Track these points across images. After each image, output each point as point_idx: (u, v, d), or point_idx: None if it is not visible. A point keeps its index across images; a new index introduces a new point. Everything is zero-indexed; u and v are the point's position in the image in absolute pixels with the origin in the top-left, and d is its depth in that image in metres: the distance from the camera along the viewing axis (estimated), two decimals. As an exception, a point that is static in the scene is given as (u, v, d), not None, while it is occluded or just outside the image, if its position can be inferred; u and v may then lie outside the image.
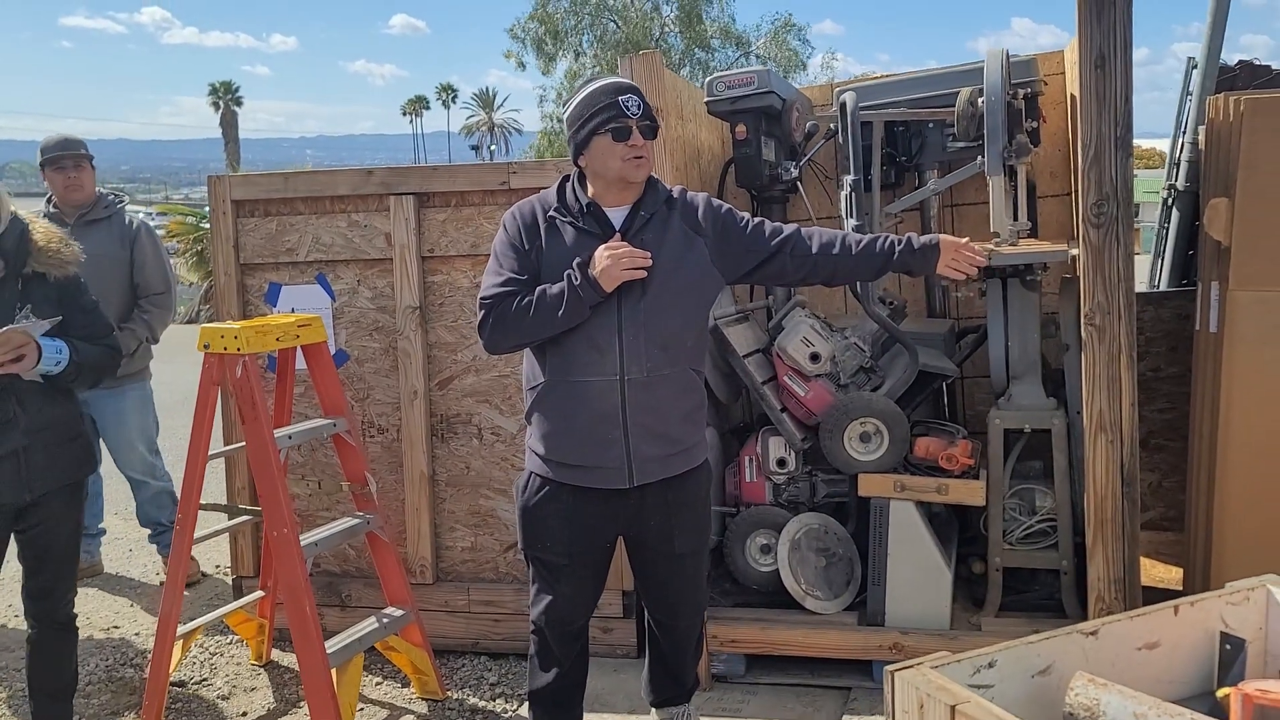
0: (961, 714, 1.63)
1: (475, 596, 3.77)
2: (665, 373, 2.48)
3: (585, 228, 2.49)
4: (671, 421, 2.53)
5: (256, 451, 3.09)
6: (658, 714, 2.90)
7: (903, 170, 3.94)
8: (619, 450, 2.48)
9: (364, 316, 3.84)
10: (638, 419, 2.47)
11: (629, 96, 2.45)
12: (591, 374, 2.46)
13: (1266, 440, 2.97)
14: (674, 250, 2.49)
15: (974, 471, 3.26)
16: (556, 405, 2.51)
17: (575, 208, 2.52)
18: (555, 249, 2.50)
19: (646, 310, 2.44)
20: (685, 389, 2.56)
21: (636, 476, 2.51)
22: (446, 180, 3.70)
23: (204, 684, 3.64)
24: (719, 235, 2.55)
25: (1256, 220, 2.90)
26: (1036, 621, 3.19)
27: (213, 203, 3.93)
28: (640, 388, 2.45)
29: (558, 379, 2.50)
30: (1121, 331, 2.92)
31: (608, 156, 2.45)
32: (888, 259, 2.57)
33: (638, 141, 2.44)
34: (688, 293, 2.51)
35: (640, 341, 2.44)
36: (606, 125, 2.43)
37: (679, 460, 2.58)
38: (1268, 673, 2.06)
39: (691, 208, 2.56)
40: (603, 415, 2.47)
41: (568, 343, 2.47)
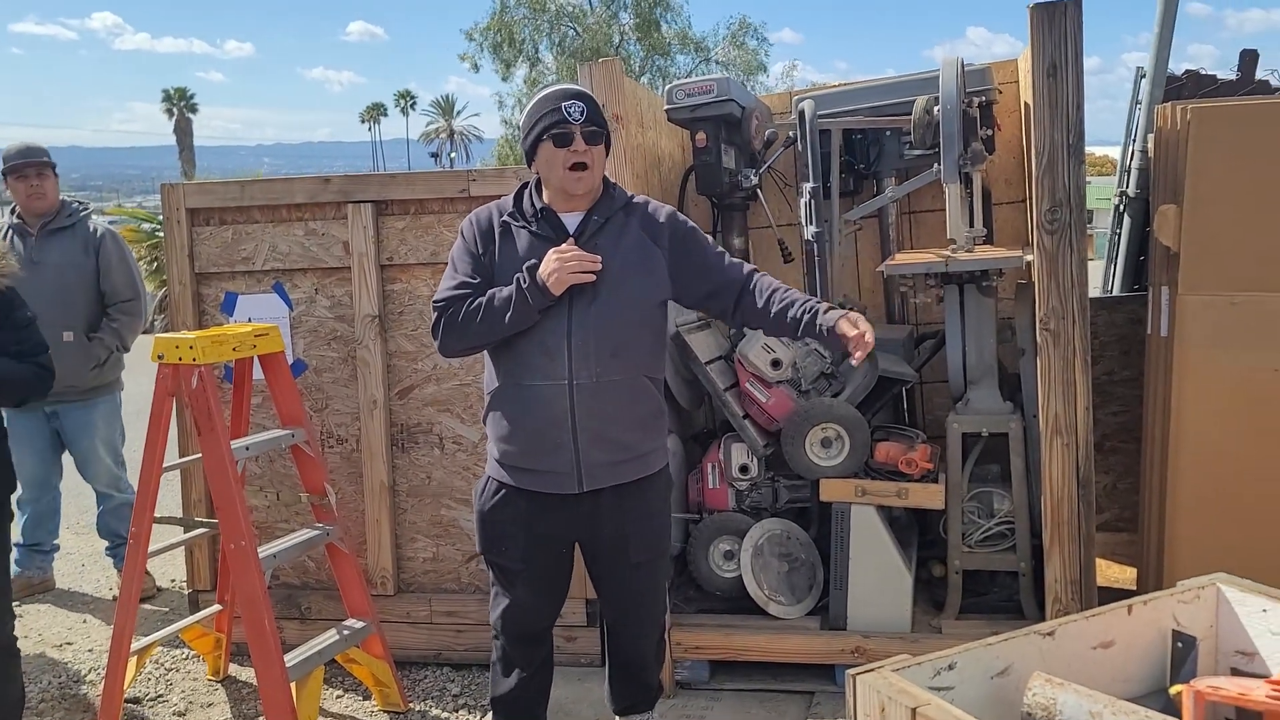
0: (922, 716, 1.65)
1: (437, 607, 3.74)
2: (615, 378, 2.48)
3: (539, 232, 2.51)
4: (622, 428, 2.52)
5: (213, 463, 3.05)
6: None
7: (861, 178, 3.98)
8: (568, 455, 2.49)
9: (322, 325, 3.80)
10: (586, 424, 2.47)
11: (573, 102, 2.45)
12: (540, 378, 2.47)
13: (1217, 442, 3.03)
14: (628, 257, 2.49)
15: (933, 475, 3.29)
16: (508, 409, 2.53)
17: (530, 212, 2.54)
18: (509, 253, 2.51)
19: (596, 315, 2.45)
20: (638, 396, 2.55)
21: (586, 481, 2.51)
22: (405, 188, 3.68)
23: (160, 700, 3.58)
24: (679, 251, 2.55)
25: (1204, 226, 2.96)
26: (996, 623, 3.23)
27: (166, 211, 3.87)
28: (589, 393, 2.45)
29: (510, 382, 2.52)
30: (1076, 336, 2.97)
31: (552, 163, 2.47)
32: (795, 326, 2.51)
33: (579, 147, 2.44)
34: (640, 299, 2.51)
35: (589, 346, 2.44)
36: (549, 131, 2.44)
37: (631, 467, 2.57)
38: (1218, 670, 2.10)
39: (653, 218, 2.56)
40: (551, 419, 2.47)
41: (519, 346, 2.48)
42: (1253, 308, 2.94)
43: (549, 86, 2.55)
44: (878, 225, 4.02)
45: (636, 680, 2.85)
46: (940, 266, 3.21)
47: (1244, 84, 4.39)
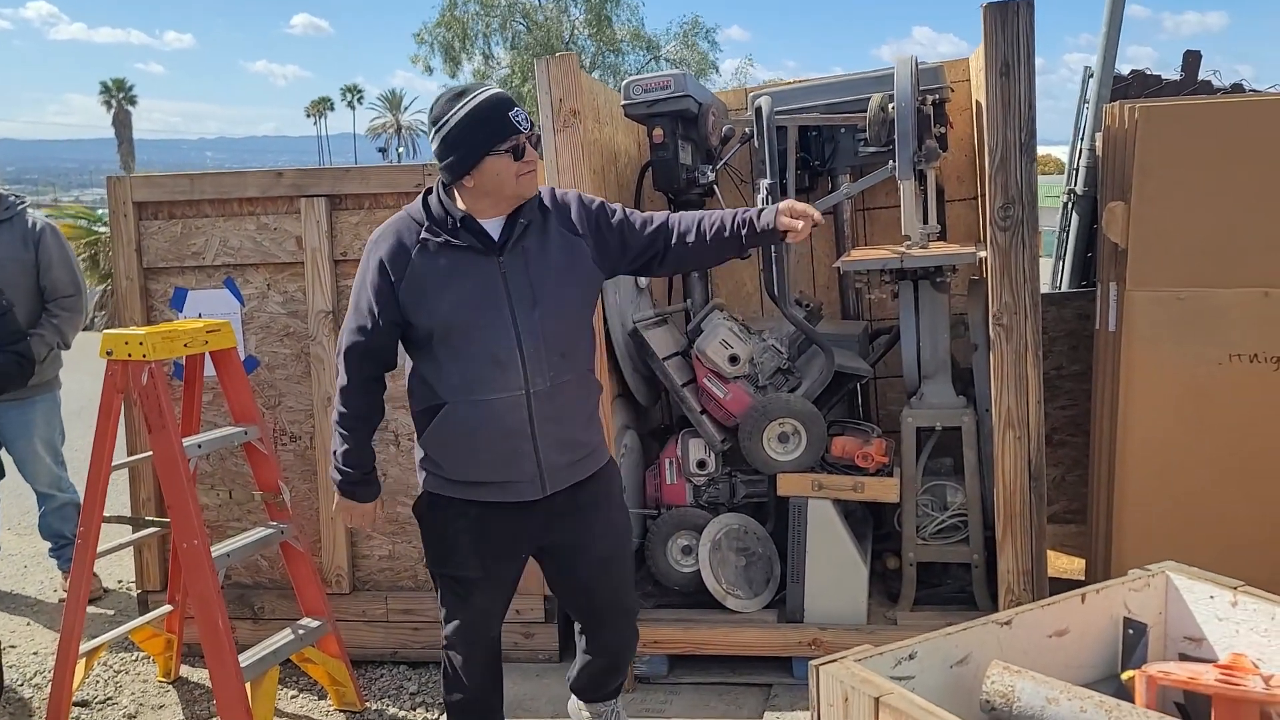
0: (885, 705, 1.67)
1: (394, 605, 3.70)
2: (567, 379, 2.45)
3: (461, 243, 2.39)
4: (577, 426, 2.51)
5: (164, 461, 2.99)
6: (588, 709, 2.88)
7: (816, 174, 4.01)
8: (530, 463, 2.44)
9: (274, 322, 3.75)
10: (546, 429, 2.43)
11: (517, 111, 2.35)
12: (495, 390, 2.39)
13: (1162, 434, 3.11)
14: (557, 255, 2.44)
15: (888, 469, 3.33)
16: (459, 426, 2.42)
17: (448, 223, 2.40)
18: (434, 270, 2.38)
19: (542, 319, 2.40)
20: (586, 392, 2.55)
21: (549, 486, 2.47)
22: (359, 182, 3.64)
23: (109, 703, 3.51)
24: (595, 233, 2.51)
25: (1151, 223, 3.03)
26: (949, 614, 3.28)
27: (112, 205, 3.79)
28: (545, 398, 2.41)
29: (460, 398, 2.41)
30: (1028, 331, 3.03)
31: (503, 175, 2.35)
32: (739, 245, 2.54)
33: (532, 157, 2.38)
34: (577, 296, 2.49)
35: (541, 351, 2.40)
36: (503, 145, 2.32)
37: (587, 463, 2.55)
38: (1168, 655, 2.15)
39: (565, 208, 2.51)
40: (511, 430, 2.41)
41: (466, 361, 2.39)
42: (1198, 302, 3.02)
43: (468, 94, 2.37)
44: (833, 222, 4.06)
45: (614, 671, 2.83)
46: (895, 262, 3.24)
47: (1188, 84, 4.50)
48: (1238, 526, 3.03)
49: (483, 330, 2.37)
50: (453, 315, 2.37)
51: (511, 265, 2.39)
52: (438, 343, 2.40)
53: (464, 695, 2.69)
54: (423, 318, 2.39)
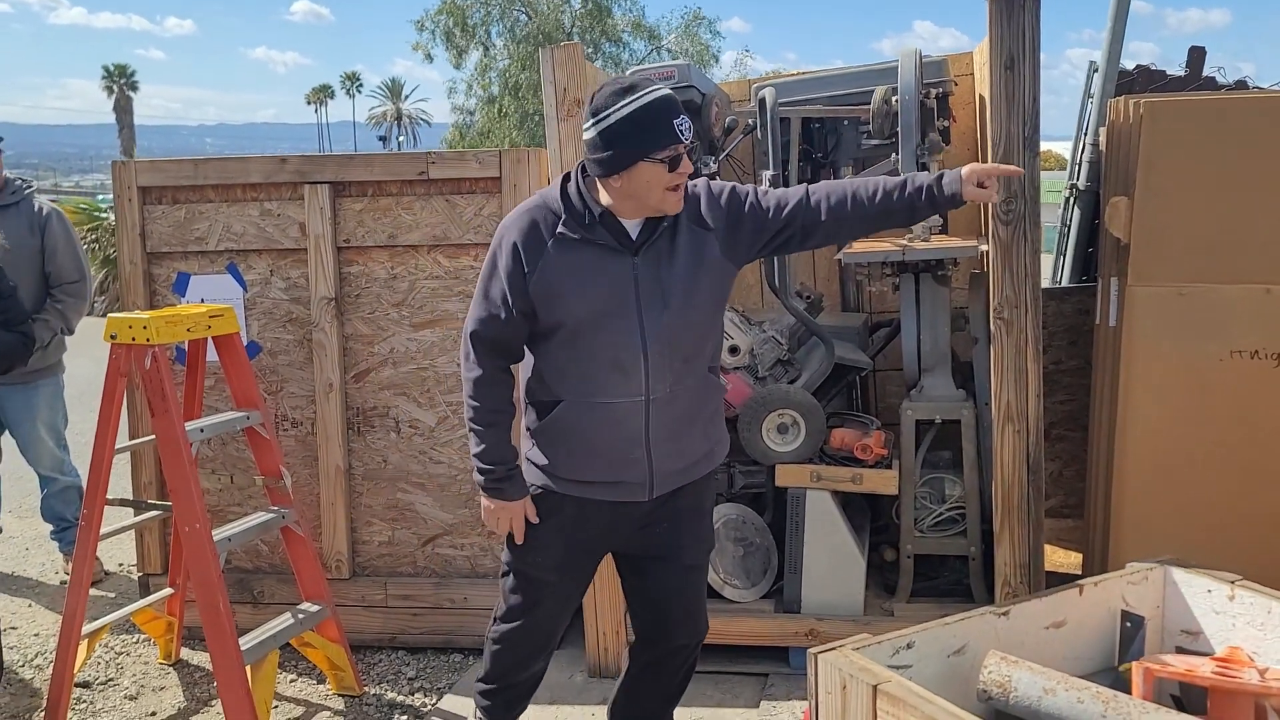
0: (883, 693, 1.69)
1: (393, 591, 3.72)
2: (689, 384, 2.36)
3: (599, 240, 2.29)
4: (695, 433, 2.41)
5: (167, 445, 3.01)
6: None
7: (819, 167, 4.00)
8: (641, 469, 2.36)
9: (277, 308, 3.76)
10: (660, 436, 2.35)
11: (683, 120, 2.20)
12: (615, 395, 2.30)
13: (1162, 430, 3.12)
14: (688, 256, 2.32)
15: (887, 461, 3.35)
16: (575, 425, 2.34)
17: (586, 218, 2.29)
18: (569, 266, 2.28)
19: (669, 325, 2.29)
20: (707, 394, 2.44)
21: (656, 489, 2.39)
22: (363, 169, 3.64)
23: (110, 684, 3.52)
24: (727, 225, 2.36)
25: (1154, 218, 3.04)
26: (946, 606, 3.29)
27: (117, 189, 3.79)
28: (664, 405, 2.33)
29: (576, 399, 2.33)
30: (1028, 325, 3.04)
31: (652, 184, 2.22)
32: (909, 215, 2.38)
33: (686, 169, 2.23)
34: (707, 299, 2.36)
35: (665, 357, 2.30)
36: (662, 154, 2.19)
37: (699, 467, 2.46)
38: (1165, 648, 2.17)
39: (694, 202, 2.36)
40: (626, 436, 2.33)
41: (588, 362, 2.31)
42: (1200, 298, 3.02)
43: (637, 90, 2.21)
44: (835, 214, 4.06)
45: (655, 706, 2.69)
46: (897, 255, 3.25)
47: (1192, 80, 4.51)
48: (1236, 522, 3.05)
49: (609, 333, 2.29)
50: (581, 314, 2.28)
51: (645, 267, 2.29)
52: (561, 339, 2.32)
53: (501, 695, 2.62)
54: (551, 313, 2.30)
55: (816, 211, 2.36)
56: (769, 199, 2.39)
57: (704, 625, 2.62)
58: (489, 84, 28.84)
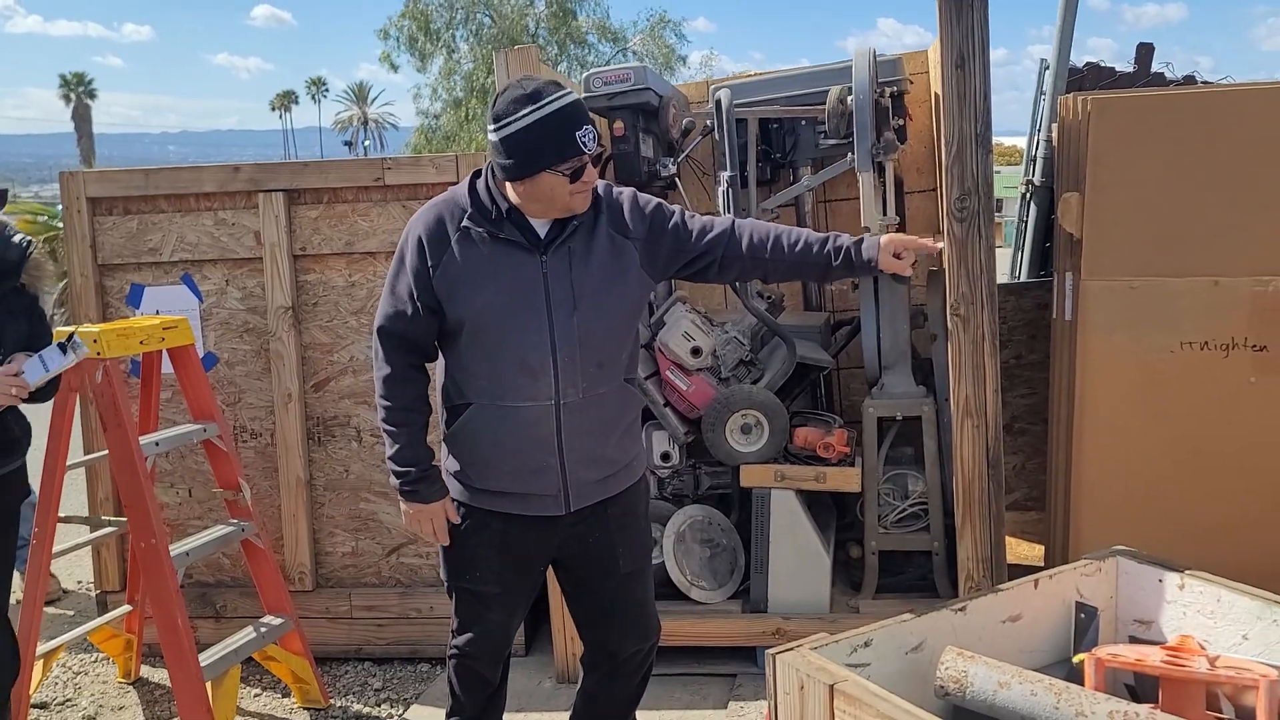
0: (840, 693, 1.69)
1: (358, 602, 3.69)
2: (601, 391, 2.30)
3: (506, 237, 2.24)
4: (610, 442, 2.36)
5: (121, 460, 2.97)
6: None
7: (778, 167, 4.02)
8: (554, 477, 2.30)
9: (234, 318, 3.72)
10: (574, 444, 2.29)
11: (586, 131, 2.16)
12: (523, 398, 2.25)
13: (1118, 422, 3.16)
14: (603, 259, 2.28)
15: (850, 459, 3.36)
16: (483, 430, 2.29)
17: (492, 213, 2.24)
18: (472, 262, 2.24)
19: (580, 328, 2.24)
20: (624, 404, 2.39)
21: (574, 502, 2.34)
22: (318, 176, 3.61)
23: (68, 705, 3.47)
24: (647, 236, 2.32)
25: (1105, 213, 3.07)
26: (911, 601, 3.32)
27: (66, 200, 3.73)
28: (576, 411, 2.27)
29: (486, 402, 2.28)
30: (985, 321, 3.06)
31: (556, 191, 2.19)
32: (823, 272, 2.36)
33: (590, 177, 2.21)
34: (621, 304, 2.32)
35: (575, 362, 2.24)
36: (563, 167, 2.15)
37: (620, 478, 2.41)
38: (1118, 638, 2.19)
39: (616, 208, 2.32)
40: (536, 442, 2.27)
41: (495, 363, 2.26)
42: (1151, 291, 3.06)
43: (544, 98, 2.14)
44: (794, 214, 4.07)
45: (615, 715, 2.64)
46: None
47: (1140, 76, 4.56)
48: (1190, 512, 3.09)
49: (515, 333, 2.23)
50: (486, 312, 2.24)
51: (555, 266, 2.25)
52: (467, 339, 2.27)
53: (470, 706, 2.59)
54: (455, 309, 2.25)
55: (738, 245, 2.35)
56: (694, 222, 2.38)
57: (654, 627, 2.59)
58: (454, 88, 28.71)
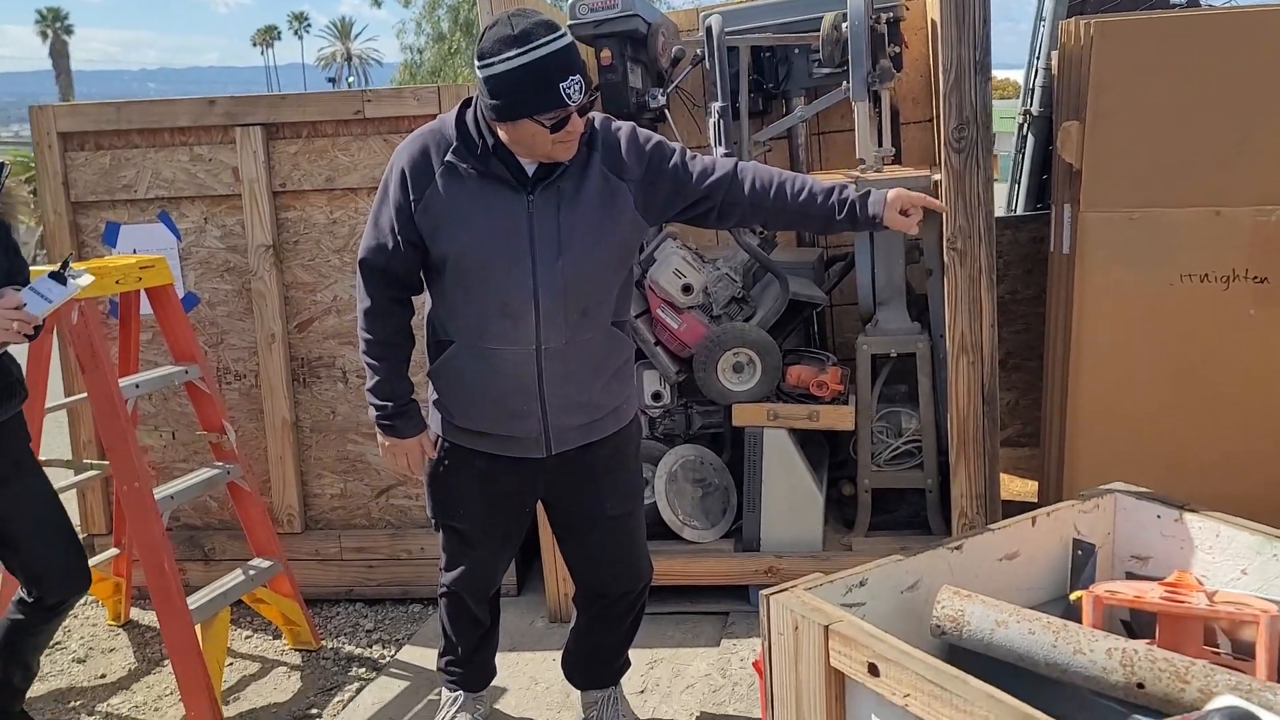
0: (835, 633, 1.66)
1: (347, 544, 3.66)
2: (586, 337, 2.23)
3: (492, 173, 2.15)
4: (595, 387, 2.29)
5: (100, 403, 2.90)
6: (582, 697, 2.72)
7: (770, 97, 3.92)
8: (534, 422, 2.25)
9: (213, 257, 3.63)
10: (556, 390, 2.23)
11: (571, 82, 2.03)
12: (504, 342, 2.19)
13: (1114, 357, 3.11)
14: (594, 201, 2.18)
15: (844, 397, 3.32)
16: (465, 370, 2.25)
17: (478, 148, 2.15)
18: (455, 198, 2.16)
19: (565, 272, 2.16)
20: (610, 348, 2.31)
21: (555, 447, 2.30)
22: (296, 110, 3.50)
23: (58, 647, 3.45)
24: (644, 177, 2.22)
25: (1105, 142, 2.99)
26: (904, 539, 3.30)
27: (36, 136, 3.63)
28: (558, 357, 2.20)
29: (467, 342, 2.23)
30: (982, 254, 3.00)
31: (538, 139, 2.10)
32: (826, 223, 2.28)
33: (575, 128, 2.10)
34: (611, 249, 2.22)
35: (558, 308, 2.17)
36: (544, 116, 2.05)
37: (605, 423, 2.35)
38: (1115, 574, 2.17)
39: (613, 145, 2.22)
40: (517, 387, 2.22)
41: (477, 304, 2.19)
42: (1150, 222, 2.99)
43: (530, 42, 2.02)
44: (787, 146, 3.98)
45: (603, 655, 2.64)
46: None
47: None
48: (1188, 447, 3.06)
49: (497, 275, 2.16)
50: (468, 251, 2.16)
51: (541, 205, 2.16)
52: (450, 277, 2.21)
53: (461, 645, 2.60)
54: (437, 246, 2.19)
55: (739, 191, 2.27)
56: (695, 164, 2.28)
57: (645, 570, 2.57)
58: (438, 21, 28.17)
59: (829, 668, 1.67)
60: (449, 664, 2.68)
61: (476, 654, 2.66)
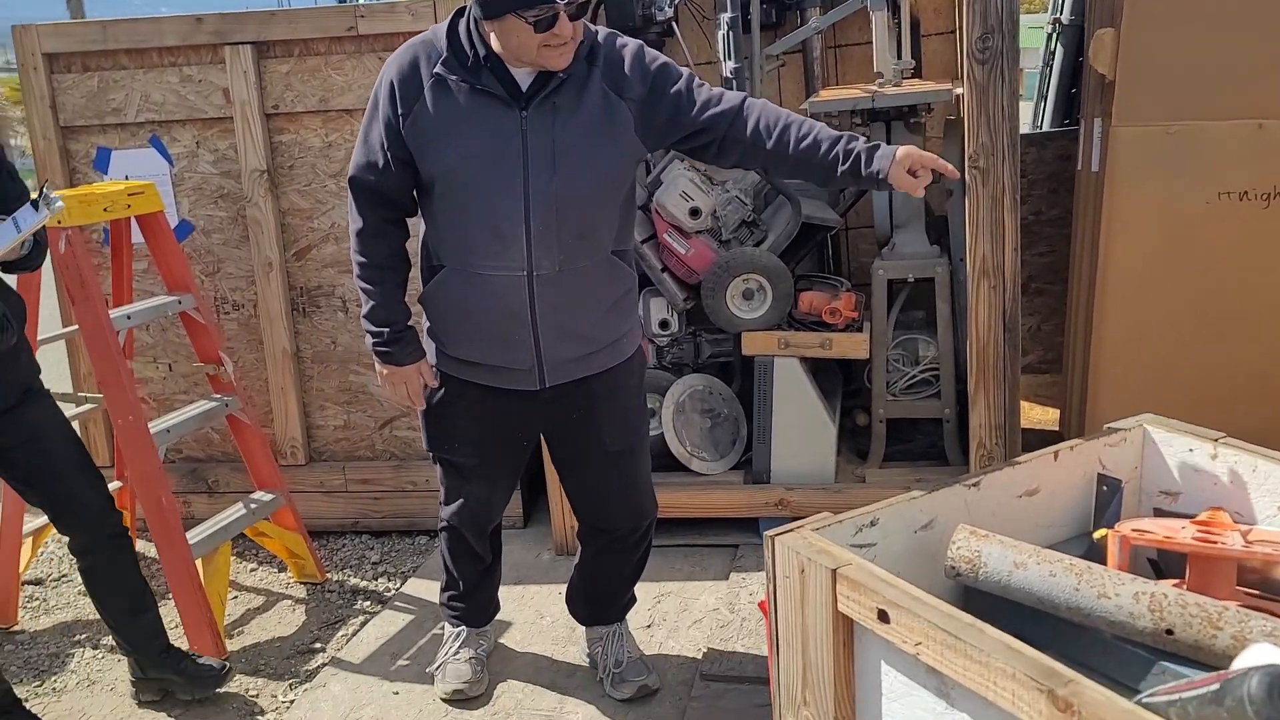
0: (842, 577, 1.56)
1: (352, 475, 3.60)
2: (582, 264, 2.12)
3: (484, 87, 2.03)
4: (591, 318, 2.19)
5: (92, 334, 2.82)
6: (586, 632, 2.66)
7: (784, 8, 3.72)
8: (527, 352, 2.16)
9: (207, 182, 3.51)
10: (549, 318, 2.13)
11: None
12: (494, 267, 2.09)
13: (1143, 279, 2.97)
14: (592, 119, 2.06)
15: (858, 324, 3.20)
16: (455, 297, 2.16)
17: (470, 60, 2.03)
18: (444, 112, 2.05)
19: (558, 194, 2.05)
20: (609, 278, 2.20)
21: (549, 379, 2.20)
22: (286, 26, 3.34)
23: (64, 580, 3.43)
24: (646, 98, 2.09)
25: (1142, 51, 2.81)
26: (920, 470, 3.21)
27: (21, 57, 3.48)
28: (551, 283, 2.10)
29: (457, 267, 2.13)
30: (1005, 174, 2.84)
31: (523, 42, 1.96)
32: (827, 175, 2.08)
33: (564, 31, 1.96)
34: (608, 171, 2.11)
35: (551, 231, 2.06)
36: (529, 14, 1.92)
37: (603, 357, 2.25)
38: (1142, 510, 2.06)
39: (616, 62, 2.09)
40: (508, 313, 2.13)
41: (466, 226, 2.09)
42: (1187, 137, 2.82)
43: None
44: (802, 60, 3.79)
45: (606, 593, 2.58)
46: (866, 102, 3.02)
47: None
48: (1219, 375, 2.93)
49: (486, 194, 2.05)
50: (456, 168, 2.06)
51: (536, 122, 2.04)
52: (439, 198, 2.11)
53: (463, 580, 2.56)
54: (426, 163, 2.08)
55: (742, 128, 2.10)
56: (701, 93, 2.12)
57: (649, 508, 2.49)
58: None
59: (836, 613, 1.59)
60: (451, 599, 2.63)
61: (478, 589, 2.60)
